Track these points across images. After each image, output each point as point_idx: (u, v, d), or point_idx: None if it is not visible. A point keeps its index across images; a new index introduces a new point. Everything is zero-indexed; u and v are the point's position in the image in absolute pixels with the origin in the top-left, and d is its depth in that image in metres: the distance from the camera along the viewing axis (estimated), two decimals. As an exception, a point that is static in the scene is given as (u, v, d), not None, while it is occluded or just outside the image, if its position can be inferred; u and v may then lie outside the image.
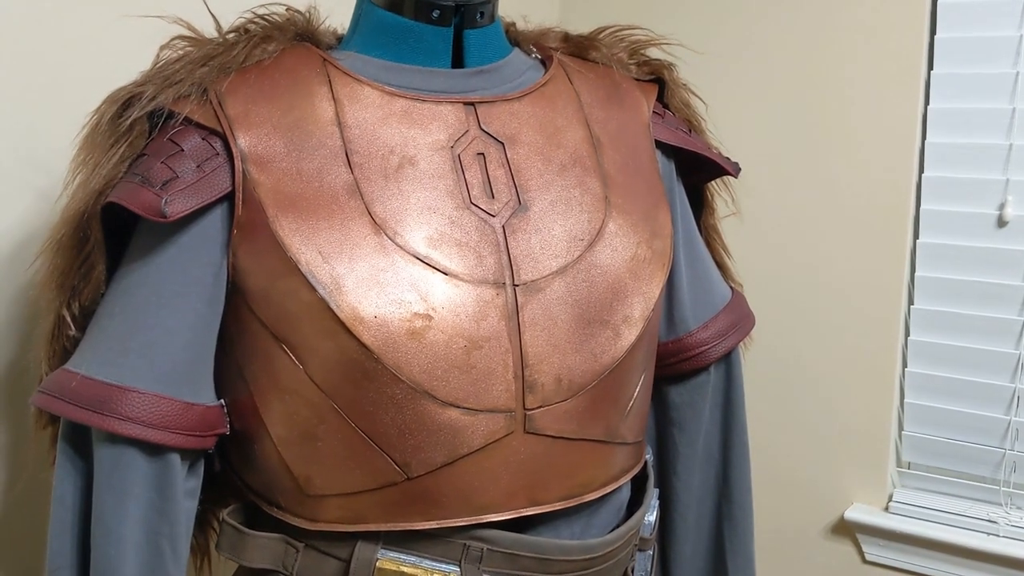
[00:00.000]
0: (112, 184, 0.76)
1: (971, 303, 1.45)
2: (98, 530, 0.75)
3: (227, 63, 0.78)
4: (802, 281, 1.56)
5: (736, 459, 1.01)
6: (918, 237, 1.48)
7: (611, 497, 0.87)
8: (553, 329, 0.78)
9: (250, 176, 0.75)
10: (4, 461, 0.99)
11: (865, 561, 1.55)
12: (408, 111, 0.80)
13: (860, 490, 1.55)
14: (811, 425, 1.58)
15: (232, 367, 0.80)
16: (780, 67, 1.55)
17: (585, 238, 0.81)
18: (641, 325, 0.82)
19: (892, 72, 1.46)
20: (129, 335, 0.76)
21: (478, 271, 0.77)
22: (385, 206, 0.76)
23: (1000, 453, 1.44)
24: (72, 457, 0.78)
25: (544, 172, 0.82)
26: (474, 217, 0.78)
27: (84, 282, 0.79)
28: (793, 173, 1.55)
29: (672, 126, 0.94)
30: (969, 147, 1.42)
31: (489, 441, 0.76)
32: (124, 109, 0.77)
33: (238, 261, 0.76)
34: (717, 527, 1.02)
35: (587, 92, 0.88)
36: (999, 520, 1.44)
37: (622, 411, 0.84)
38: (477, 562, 0.78)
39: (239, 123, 0.76)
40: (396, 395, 0.74)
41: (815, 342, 1.56)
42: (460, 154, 0.80)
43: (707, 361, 0.97)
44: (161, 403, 0.75)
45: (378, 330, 0.73)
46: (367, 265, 0.74)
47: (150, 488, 0.76)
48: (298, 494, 0.79)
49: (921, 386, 1.50)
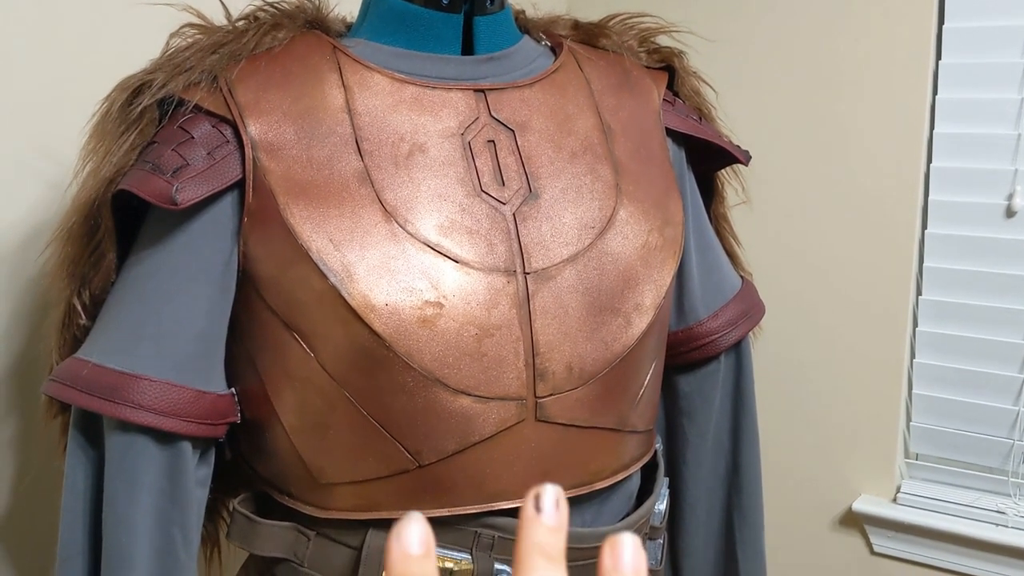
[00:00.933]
0: (122, 172, 0.76)
1: (979, 294, 1.44)
2: (109, 518, 0.75)
3: (237, 51, 0.78)
4: (810, 272, 1.56)
5: (746, 448, 1.01)
6: (926, 227, 1.48)
7: (622, 486, 0.86)
8: (564, 317, 0.78)
9: (260, 164, 0.75)
10: (15, 450, 0.99)
11: (873, 552, 1.55)
12: (418, 98, 0.79)
13: (868, 481, 1.55)
14: (819, 416, 1.58)
15: (243, 355, 0.80)
16: (789, 56, 1.54)
17: (596, 226, 0.81)
18: (652, 313, 0.82)
19: (900, 62, 1.45)
20: (140, 323, 0.76)
21: (489, 259, 0.76)
22: (396, 193, 0.76)
23: (1009, 444, 1.44)
24: (83, 445, 0.78)
25: (555, 159, 0.81)
26: (485, 205, 0.78)
27: (94, 271, 0.79)
28: (801, 163, 1.55)
29: (682, 114, 0.93)
30: (977, 137, 1.42)
31: (500, 429, 0.76)
32: (134, 97, 0.77)
33: (249, 249, 0.76)
34: (727, 516, 1.02)
35: (597, 79, 0.88)
36: (1008, 511, 1.44)
37: (633, 399, 0.84)
38: (489, 549, 0.78)
39: (249, 110, 0.76)
40: (407, 383, 0.74)
41: (823, 333, 1.56)
42: (470, 141, 0.79)
43: (717, 350, 0.97)
44: (172, 391, 0.75)
45: (389, 318, 0.73)
46: (378, 253, 0.74)
47: (161, 476, 0.76)
48: (309, 482, 0.79)
49: (929, 377, 1.50)
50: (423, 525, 0.31)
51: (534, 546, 0.31)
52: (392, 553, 0.30)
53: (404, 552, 0.30)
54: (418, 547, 0.30)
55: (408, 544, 0.30)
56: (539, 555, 0.31)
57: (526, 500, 0.32)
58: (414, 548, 0.30)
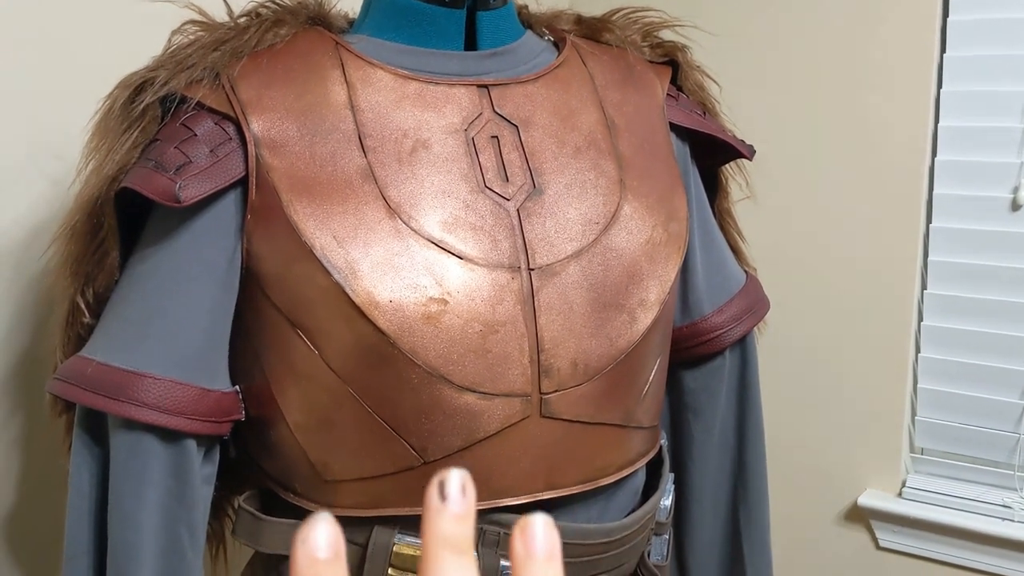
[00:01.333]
0: (125, 170, 0.75)
1: (985, 287, 1.44)
2: (115, 516, 0.75)
3: (239, 47, 0.78)
4: (815, 266, 1.56)
5: (751, 444, 1.01)
6: (931, 221, 1.47)
7: (627, 481, 0.86)
8: (569, 313, 0.77)
9: (263, 160, 0.75)
10: (21, 449, 0.99)
11: (879, 547, 1.55)
12: (421, 94, 0.79)
13: (873, 476, 1.55)
14: (824, 411, 1.58)
15: (247, 353, 0.80)
16: (793, 50, 1.54)
17: (600, 221, 0.80)
18: (657, 309, 0.82)
19: (905, 55, 1.45)
20: (144, 321, 0.76)
21: (493, 255, 0.76)
22: (399, 190, 0.76)
23: (1014, 438, 1.43)
24: (88, 444, 0.78)
25: (559, 155, 0.81)
26: (488, 201, 0.78)
27: (98, 269, 0.79)
28: (806, 157, 1.54)
29: (686, 108, 0.93)
30: (982, 131, 1.41)
31: (505, 425, 0.76)
32: (136, 94, 0.77)
33: (252, 246, 0.76)
34: (732, 512, 1.02)
35: (601, 74, 0.87)
36: (1013, 505, 1.43)
37: (638, 395, 0.83)
38: (494, 546, 0.78)
39: (252, 107, 0.76)
40: (412, 380, 0.74)
41: (828, 327, 1.56)
42: (474, 137, 0.79)
43: (722, 345, 0.97)
44: (177, 389, 0.74)
45: (394, 315, 0.73)
46: (382, 249, 0.74)
47: (167, 474, 0.76)
48: (315, 479, 0.79)
49: (935, 371, 1.49)
50: (331, 526, 0.28)
51: (439, 539, 0.29)
52: (298, 557, 0.28)
53: (311, 556, 0.28)
54: (325, 551, 0.28)
55: (315, 548, 0.28)
56: (445, 548, 0.29)
57: (429, 487, 0.29)
58: (321, 552, 0.28)
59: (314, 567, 0.28)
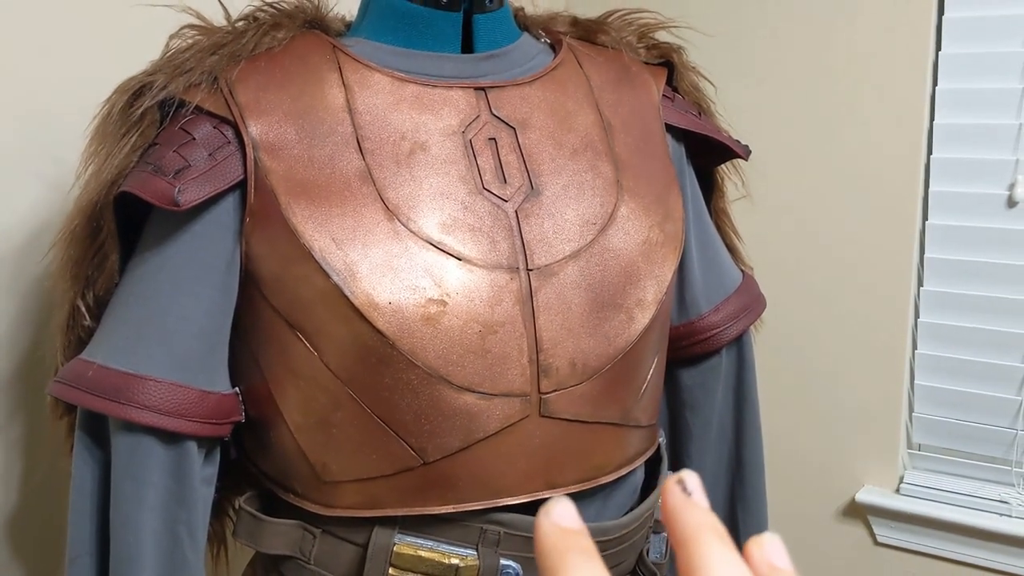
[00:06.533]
0: (124, 174, 0.76)
1: (981, 284, 1.44)
2: (116, 518, 0.76)
3: (237, 51, 0.78)
4: (811, 264, 1.56)
5: (749, 441, 1.02)
6: (927, 218, 1.48)
7: (626, 480, 0.87)
8: (567, 313, 0.78)
9: (262, 164, 0.75)
10: (22, 451, 1.00)
11: (877, 543, 1.56)
12: (419, 96, 0.80)
13: (871, 472, 1.56)
14: (822, 408, 1.58)
15: (247, 355, 0.80)
16: (788, 49, 1.54)
17: (598, 222, 0.81)
18: (654, 308, 0.82)
19: (900, 52, 1.45)
20: (144, 323, 0.76)
21: (492, 256, 0.77)
22: (397, 192, 0.76)
23: (1011, 434, 1.44)
24: (89, 446, 0.79)
25: (556, 156, 0.82)
26: (487, 202, 0.78)
27: (98, 272, 0.79)
28: (802, 156, 1.55)
29: (682, 109, 0.94)
30: (978, 127, 1.42)
31: (505, 425, 0.77)
32: (135, 99, 0.77)
33: (251, 248, 0.76)
34: (731, 509, 1.03)
35: (597, 76, 0.88)
36: (1011, 500, 1.44)
37: (636, 394, 0.84)
38: (494, 545, 0.78)
39: (250, 111, 0.76)
40: (411, 380, 0.74)
41: (825, 325, 1.56)
42: (471, 139, 0.80)
43: (719, 344, 0.97)
44: (177, 391, 0.75)
45: (393, 316, 0.73)
46: (381, 251, 0.74)
47: (167, 476, 0.76)
48: (314, 480, 0.79)
49: (931, 367, 1.50)
50: (572, 504, 0.29)
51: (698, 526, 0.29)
52: (544, 530, 0.29)
53: (558, 527, 0.29)
54: (571, 519, 0.29)
55: (559, 517, 0.29)
56: (710, 532, 0.29)
57: (669, 485, 0.30)
58: (569, 521, 0.29)
59: (565, 538, 0.29)
